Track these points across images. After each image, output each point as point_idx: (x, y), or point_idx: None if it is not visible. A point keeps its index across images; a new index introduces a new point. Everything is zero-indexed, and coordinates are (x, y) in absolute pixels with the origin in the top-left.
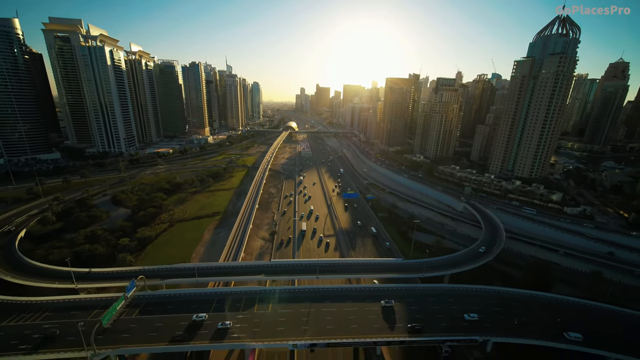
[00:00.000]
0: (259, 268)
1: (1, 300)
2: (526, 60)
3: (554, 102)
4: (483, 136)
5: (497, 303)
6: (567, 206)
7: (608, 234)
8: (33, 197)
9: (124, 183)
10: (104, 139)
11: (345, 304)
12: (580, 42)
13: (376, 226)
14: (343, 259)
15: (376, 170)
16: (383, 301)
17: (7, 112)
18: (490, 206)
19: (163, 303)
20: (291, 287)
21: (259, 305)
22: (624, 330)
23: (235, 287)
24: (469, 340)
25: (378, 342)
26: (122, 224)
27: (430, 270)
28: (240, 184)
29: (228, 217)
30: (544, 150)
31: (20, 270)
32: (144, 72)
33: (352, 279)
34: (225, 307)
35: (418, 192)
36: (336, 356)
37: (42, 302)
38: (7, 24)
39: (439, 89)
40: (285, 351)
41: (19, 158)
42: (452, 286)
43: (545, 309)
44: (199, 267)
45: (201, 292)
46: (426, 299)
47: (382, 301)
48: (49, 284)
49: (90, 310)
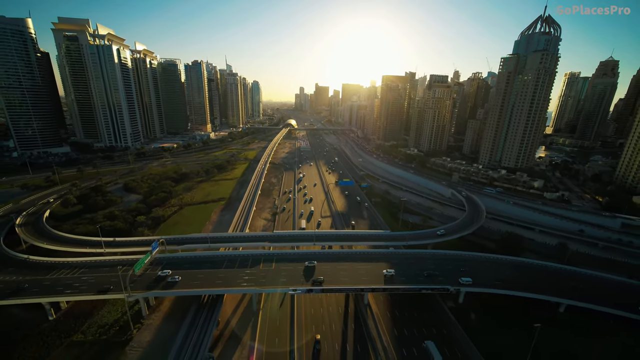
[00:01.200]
0: (264, 237)
1: (44, 260)
2: (511, 57)
3: (537, 96)
4: (474, 131)
5: (472, 263)
6: (548, 192)
7: (580, 214)
8: (51, 184)
9: (133, 173)
10: (111, 134)
11: (338, 264)
12: (562, 40)
13: (370, 210)
14: (337, 230)
15: (371, 162)
16: (371, 262)
17: (22, 109)
18: (477, 193)
19: (181, 263)
20: (291, 251)
21: (264, 264)
22: (576, 283)
23: (243, 251)
24: (442, 289)
25: (365, 289)
26: (136, 206)
27: (413, 239)
28: (243, 175)
29: (232, 202)
30: (528, 141)
31: (54, 240)
32: (148, 70)
33: (344, 246)
34: (234, 266)
35: (410, 182)
36: (331, 314)
37: (77, 262)
38: (21, 24)
39: (432, 86)
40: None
41: (32, 151)
42: (431, 251)
43: (511, 269)
44: (210, 236)
45: (213, 254)
46: (408, 261)
47: (371, 262)
48: (81, 249)
49: (118, 268)
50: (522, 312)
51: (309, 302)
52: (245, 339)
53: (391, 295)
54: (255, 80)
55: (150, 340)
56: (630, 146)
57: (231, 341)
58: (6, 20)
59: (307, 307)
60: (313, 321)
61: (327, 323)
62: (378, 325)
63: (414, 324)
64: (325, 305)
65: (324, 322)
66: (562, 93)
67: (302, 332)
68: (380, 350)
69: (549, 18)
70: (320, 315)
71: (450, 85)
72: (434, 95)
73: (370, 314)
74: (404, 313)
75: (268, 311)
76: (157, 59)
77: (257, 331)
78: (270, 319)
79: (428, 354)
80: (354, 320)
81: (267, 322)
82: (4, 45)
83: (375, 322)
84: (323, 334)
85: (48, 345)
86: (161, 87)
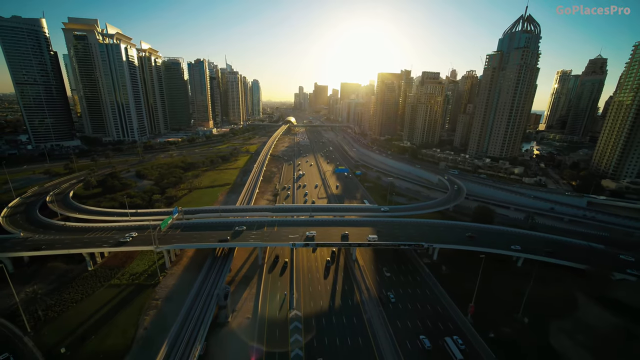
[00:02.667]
0: (267, 208)
1: (79, 225)
2: (496, 54)
3: (519, 89)
4: (464, 124)
5: (447, 229)
6: (526, 177)
7: (552, 195)
8: (69, 171)
9: (143, 163)
10: (119, 128)
11: (330, 228)
12: (542, 38)
13: (362, 192)
14: (331, 204)
15: (366, 154)
16: (358, 227)
17: (36, 104)
18: (462, 178)
19: (196, 227)
20: (290, 218)
21: (267, 228)
22: (536, 245)
23: (250, 218)
24: (416, 245)
25: (352, 244)
26: (151, 188)
27: (398, 211)
28: (245, 165)
29: (237, 187)
30: (512, 132)
31: (83, 212)
32: (153, 68)
33: (336, 216)
34: (243, 229)
35: (401, 170)
36: (324, 267)
37: (108, 226)
38: (35, 24)
39: (424, 82)
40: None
41: (45, 144)
42: (412, 220)
43: (483, 234)
44: (221, 208)
45: (224, 220)
46: (391, 226)
47: (358, 227)
48: (109, 218)
49: (144, 230)
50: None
51: (306, 259)
52: (253, 281)
53: (376, 254)
54: (255, 79)
55: (175, 283)
56: (603, 137)
57: (241, 284)
58: (22, 20)
59: (304, 262)
60: (309, 271)
61: (320, 272)
62: (363, 274)
63: (394, 273)
64: (320, 261)
65: (318, 271)
66: (554, 91)
67: (300, 279)
68: (364, 289)
69: (529, 17)
70: (315, 267)
71: (442, 81)
72: (426, 91)
73: (357, 267)
74: (385, 266)
75: (271, 257)
76: (161, 57)
77: (262, 279)
78: (272, 275)
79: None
80: (343, 271)
81: (269, 277)
82: (20, 44)
83: (361, 272)
84: (317, 278)
85: (91, 286)
86: (165, 84)
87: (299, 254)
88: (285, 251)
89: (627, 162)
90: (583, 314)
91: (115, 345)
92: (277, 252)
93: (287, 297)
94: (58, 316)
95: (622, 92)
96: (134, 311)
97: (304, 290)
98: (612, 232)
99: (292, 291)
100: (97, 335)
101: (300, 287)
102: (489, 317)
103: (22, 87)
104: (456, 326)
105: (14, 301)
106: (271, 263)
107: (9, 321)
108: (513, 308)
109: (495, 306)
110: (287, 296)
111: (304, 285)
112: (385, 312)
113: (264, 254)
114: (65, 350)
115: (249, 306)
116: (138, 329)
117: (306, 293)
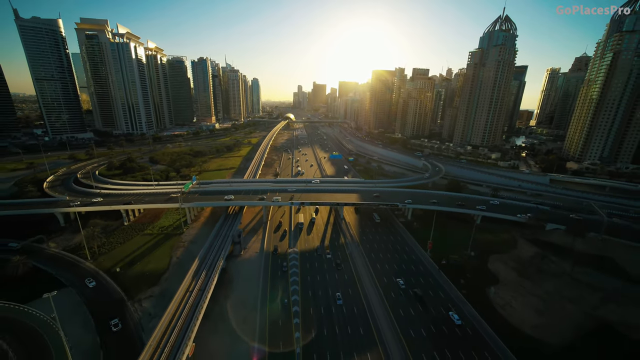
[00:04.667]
0: (270, 181)
1: (113, 192)
2: (477, 51)
3: (497, 83)
4: (451, 117)
5: (421, 196)
6: (502, 161)
7: (520, 174)
8: (89, 157)
9: (154, 152)
10: (128, 122)
11: (323, 194)
12: (518, 36)
13: (353, 174)
14: (324, 177)
15: (359, 145)
16: (346, 194)
17: (54, 98)
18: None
19: (211, 192)
20: (289, 187)
21: (270, 193)
22: (491, 206)
23: (255, 186)
24: (392, 205)
25: (339, 203)
26: (166, 168)
27: (381, 184)
28: (248, 154)
29: (242, 170)
30: (492, 122)
31: (112, 184)
32: (159, 65)
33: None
34: (249, 194)
35: (390, 158)
36: (318, 223)
37: (139, 192)
38: (53, 24)
39: (414, 78)
40: (286, 241)
41: (61, 136)
42: (392, 189)
43: (449, 199)
44: (231, 180)
45: (235, 188)
46: (373, 193)
47: (346, 193)
48: (136, 187)
49: (168, 195)
50: (451, 223)
51: (302, 219)
52: (259, 232)
53: (360, 215)
54: (255, 78)
55: (196, 233)
56: (571, 127)
57: (250, 233)
58: (41, 20)
59: (301, 221)
60: (305, 226)
61: (313, 227)
62: (349, 227)
63: (374, 228)
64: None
65: (313, 226)
66: (544, 88)
67: (297, 233)
68: (348, 236)
69: (507, 18)
70: (310, 224)
71: (431, 77)
72: (416, 86)
73: (344, 223)
74: (367, 222)
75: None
76: (166, 55)
77: (266, 231)
78: (275, 228)
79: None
80: (332, 226)
81: (272, 229)
82: (39, 42)
83: (347, 226)
84: (312, 230)
85: (130, 235)
86: (170, 81)
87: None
88: (285, 216)
89: (589, 148)
90: (518, 251)
91: (156, 268)
92: (279, 218)
93: (286, 238)
94: (108, 252)
95: (587, 87)
96: (166, 249)
97: (300, 239)
98: (565, 202)
99: (291, 237)
100: (140, 262)
101: (298, 236)
102: (444, 253)
103: (41, 83)
104: (419, 260)
105: (72, 242)
106: (274, 222)
107: (72, 253)
108: (464, 248)
109: (451, 247)
110: (286, 238)
111: (302, 235)
112: (364, 250)
113: (267, 212)
114: (119, 269)
115: (256, 246)
116: (172, 258)
117: (302, 240)
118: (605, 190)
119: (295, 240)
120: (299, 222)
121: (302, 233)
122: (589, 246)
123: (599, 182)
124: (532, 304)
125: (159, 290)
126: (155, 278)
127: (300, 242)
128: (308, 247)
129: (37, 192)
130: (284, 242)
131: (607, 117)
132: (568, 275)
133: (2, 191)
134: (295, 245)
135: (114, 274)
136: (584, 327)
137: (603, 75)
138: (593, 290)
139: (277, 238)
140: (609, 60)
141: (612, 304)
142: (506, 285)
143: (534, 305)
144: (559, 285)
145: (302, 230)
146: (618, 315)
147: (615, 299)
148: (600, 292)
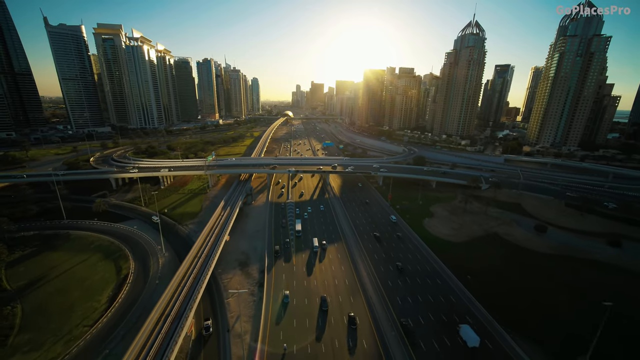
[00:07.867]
0: (272, 158)
1: (148, 166)
2: (452, 52)
3: (468, 80)
4: (434, 112)
5: (391, 168)
6: (470, 147)
7: (480, 156)
8: (116, 145)
9: (170, 142)
10: (141, 118)
11: (313, 166)
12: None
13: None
14: (315, 156)
15: (350, 136)
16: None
17: (78, 96)
18: (422, 149)
19: (227, 165)
20: (287, 160)
21: (272, 167)
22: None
23: (261, 161)
24: (366, 172)
25: (325, 171)
26: (184, 152)
27: (362, 160)
28: (252, 144)
29: (247, 154)
30: (465, 114)
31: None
32: (167, 66)
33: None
34: (257, 167)
35: (376, 146)
36: (309, 187)
37: (169, 165)
38: (77, 30)
39: (400, 76)
40: (284, 200)
41: (83, 130)
42: (367, 162)
43: (414, 171)
44: (241, 159)
45: (245, 162)
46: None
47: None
48: (166, 162)
49: (192, 167)
50: (414, 188)
51: (298, 183)
52: (264, 192)
53: (342, 181)
54: (254, 77)
55: (216, 194)
56: (532, 118)
57: (257, 193)
58: (67, 27)
59: (297, 187)
60: (301, 188)
61: (306, 189)
62: (333, 189)
63: (352, 192)
64: (306, 185)
65: (305, 189)
66: (529, 85)
67: (294, 194)
68: (332, 194)
69: (477, 23)
70: (305, 187)
71: (415, 75)
72: (402, 84)
73: (330, 187)
74: (348, 187)
75: (276, 189)
76: (173, 57)
77: (270, 191)
78: (276, 191)
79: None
80: (320, 189)
81: (274, 191)
82: (66, 46)
83: (331, 188)
84: (304, 192)
85: (167, 194)
86: (176, 80)
87: (295, 187)
88: (284, 183)
89: (543, 134)
90: (455, 201)
91: (193, 210)
92: (280, 185)
93: (284, 194)
94: (155, 202)
95: (542, 82)
96: (197, 201)
97: (294, 196)
98: (509, 174)
99: (289, 196)
100: (180, 207)
101: (292, 195)
102: (400, 202)
103: (67, 82)
104: (381, 207)
105: (125, 198)
106: (276, 189)
107: (130, 203)
108: (416, 199)
109: (408, 200)
110: (284, 193)
111: (296, 194)
112: (342, 201)
113: (271, 179)
114: (167, 211)
115: (262, 199)
116: (202, 205)
117: (296, 197)
118: (547, 166)
119: (291, 195)
120: (294, 185)
121: (297, 192)
122: (507, 197)
123: (541, 160)
124: (451, 226)
125: (197, 220)
126: (193, 215)
127: (294, 198)
128: (301, 200)
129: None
130: (282, 198)
131: (556, 109)
132: (484, 214)
133: (58, 168)
134: (291, 199)
135: (164, 214)
136: (478, 235)
137: (553, 72)
138: (496, 220)
139: (278, 196)
140: (557, 59)
141: (504, 226)
142: (438, 218)
143: (452, 227)
144: (475, 218)
145: (297, 190)
146: (505, 230)
147: (508, 224)
148: (500, 221)
